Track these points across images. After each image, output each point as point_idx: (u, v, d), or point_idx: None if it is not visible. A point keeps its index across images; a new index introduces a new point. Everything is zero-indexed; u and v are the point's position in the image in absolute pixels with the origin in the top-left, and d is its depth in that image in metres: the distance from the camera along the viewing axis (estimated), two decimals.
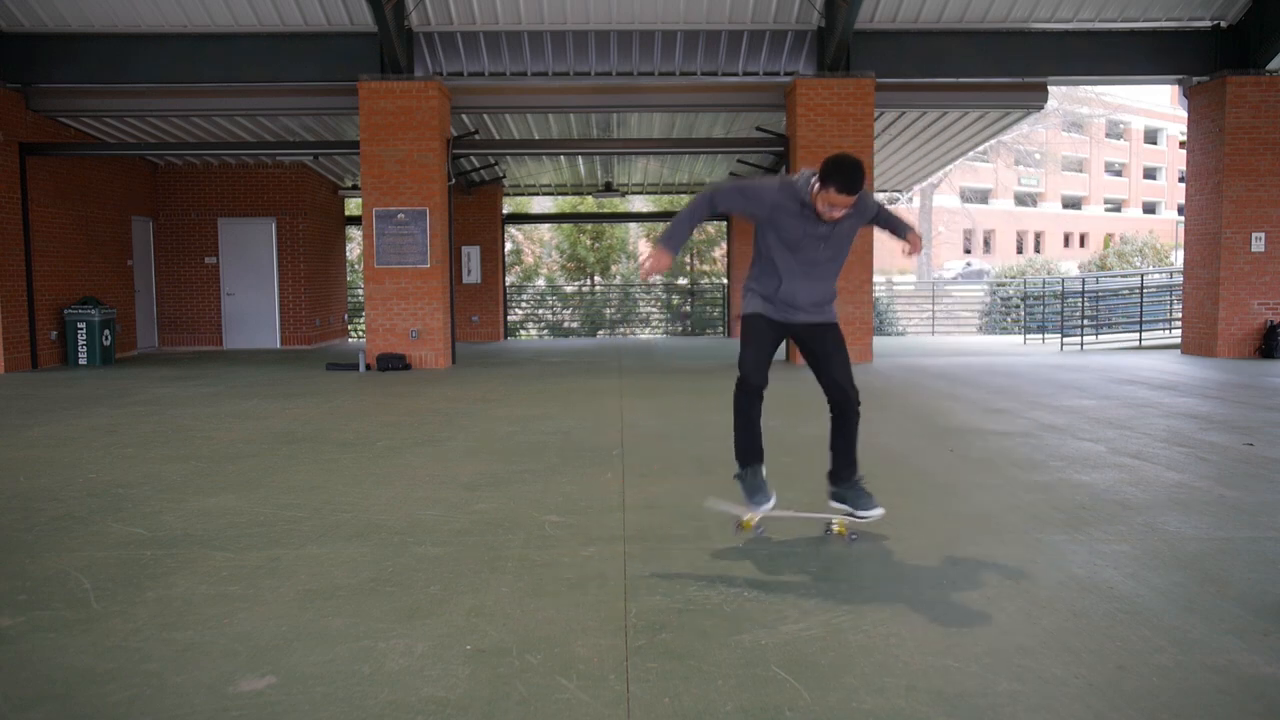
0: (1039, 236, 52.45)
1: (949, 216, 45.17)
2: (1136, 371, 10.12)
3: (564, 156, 16.71)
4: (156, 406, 7.69)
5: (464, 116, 13.21)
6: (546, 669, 2.37)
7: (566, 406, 7.59)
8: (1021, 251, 49.55)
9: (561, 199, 23.19)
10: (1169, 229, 38.83)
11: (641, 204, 25.15)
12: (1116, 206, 55.13)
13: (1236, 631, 2.58)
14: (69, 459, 5.31)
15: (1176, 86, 12.78)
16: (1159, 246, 29.56)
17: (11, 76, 11.29)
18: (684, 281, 23.27)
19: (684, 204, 23.92)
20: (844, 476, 3.58)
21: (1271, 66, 11.23)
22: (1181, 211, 15.54)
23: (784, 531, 3.65)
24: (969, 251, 48.87)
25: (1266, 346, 11.48)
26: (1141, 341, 15.33)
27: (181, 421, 6.80)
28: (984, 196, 50.59)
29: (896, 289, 27.59)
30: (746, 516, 3.59)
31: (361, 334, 19.53)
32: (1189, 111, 12.15)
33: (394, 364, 11.08)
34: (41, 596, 2.95)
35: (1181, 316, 12.86)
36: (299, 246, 15.62)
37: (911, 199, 32.88)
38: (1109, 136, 54.23)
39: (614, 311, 23.17)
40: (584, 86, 11.73)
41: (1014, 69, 11.53)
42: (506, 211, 20.59)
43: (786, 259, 3.46)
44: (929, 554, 3.36)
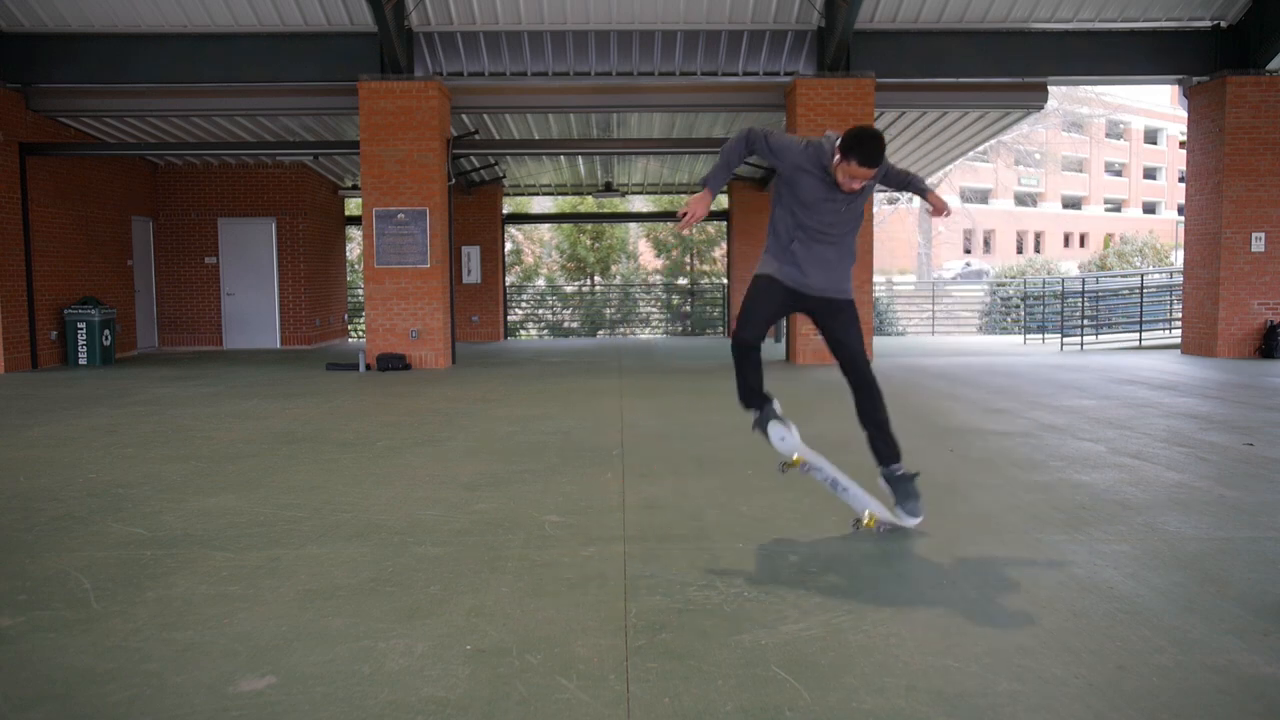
0: (1039, 236, 52.45)
1: (949, 216, 45.14)
2: (1136, 371, 10.12)
3: (564, 156, 16.71)
4: (156, 406, 7.69)
5: (464, 116, 13.21)
6: (546, 669, 2.37)
7: (566, 406, 7.58)
8: (1021, 251, 49.55)
9: (561, 199, 23.19)
10: (1169, 229, 38.84)
11: (641, 204, 25.15)
12: (1116, 206, 55.13)
13: (1236, 631, 2.58)
14: (69, 459, 5.31)
15: (1176, 86, 12.78)
16: (1159, 246, 29.56)
17: (11, 76, 11.29)
18: (684, 281, 23.27)
19: (684, 203, 24.08)
20: (887, 457, 3.62)
21: (1271, 66, 11.23)
22: (1181, 211, 15.53)
23: (792, 527, 3.65)
24: (969, 251, 48.88)
25: (1266, 346, 11.48)
26: (1141, 341, 15.33)
27: (181, 421, 6.80)
28: (984, 196, 50.59)
29: (896, 289, 27.59)
30: (795, 456, 3.61)
31: (361, 334, 19.53)
32: (1189, 111, 12.15)
33: (394, 364, 11.08)
34: (41, 596, 2.95)
35: (1181, 316, 12.86)
36: (299, 246, 15.63)
37: (911, 199, 32.87)
38: (1109, 136, 54.23)
39: (614, 311, 23.16)
40: (584, 86, 11.74)
41: (1014, 69, 11.53)
42: (506, 211, 20.59)
43: (802, 216, 3.50)
44: (929, 554, 3.36)
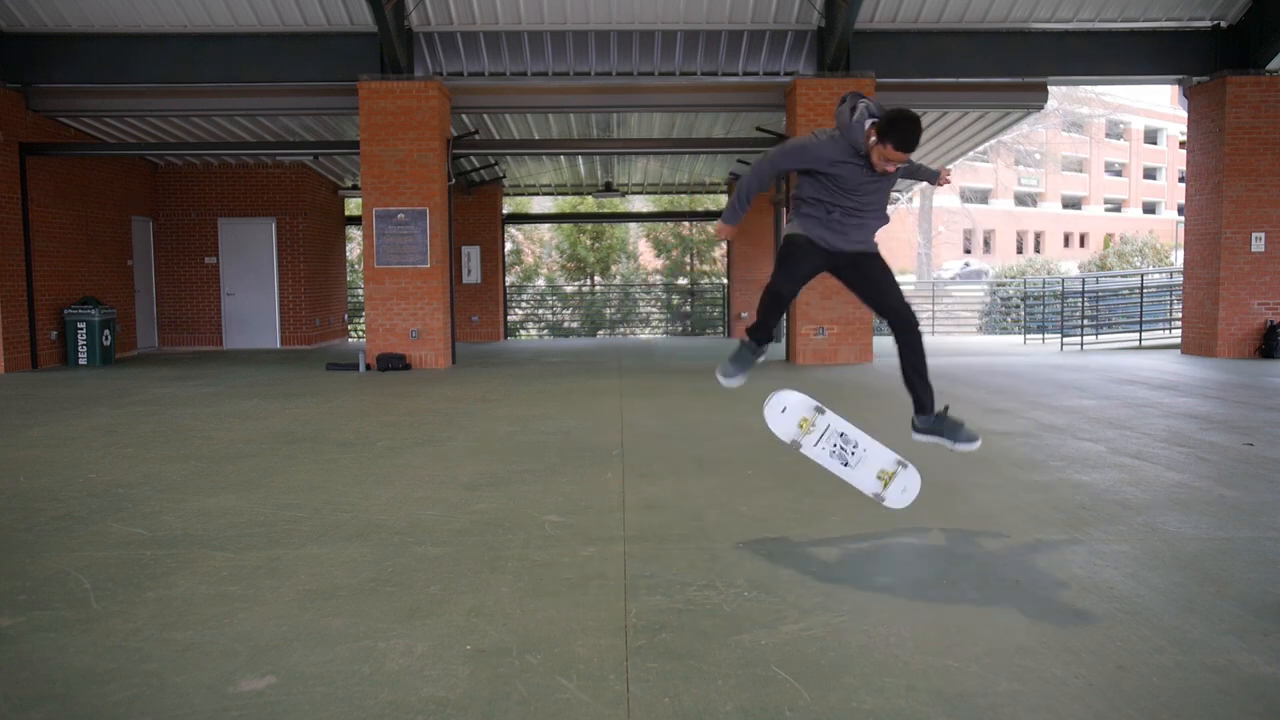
0: (1039, 236, 52.43)
1: (949, 216, 45.17)
2: (1136, 371, 10.12)
3: (564, 156, 16.71)
4: (156, 406, 7.69)
5: (464, 116, 13.21)
6: (546, 669, 2.37)
7: (566, 406, 7.58)
8: (1021, 251, 49.54)
9: (561, 199, 23.19)
10: (1169, 229, 38.83)
11: (641, 204, 25.14)
12: (1116, 206, 55.12)
13: (1236, 631, 2.58)
14: (69, 459, 5.31)
15: (1176, 86, 12.78)
16: (1159, 246, 29.55)
17: (11, 76, 11.29)
18: (684, 281, 23.27)
19: (684, 203, 23.76)
20: (928, 405, 3.69)
21: (1271, 66, 11.23)
22: (1181, 211, 15.53)
23: (792, 527, 3.65)
24: (969, 251, 48.88)
25: (1266, 346, 11.48)
26: (1141, 341, 15.32)
27: (181, 421, 6.80)
28: (984, 196, 50.58)
29: None
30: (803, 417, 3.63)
31: (361, 334, 19.53)
32: (1189, 111, 12.15)
33: (394, 364, 11.08)
34: (41, 596, 2.95)
35: (1181, 316, 12.86)
36: (299, 246, 15.63)
37: (911, 199, 32.88)
38: (1109, 136, 54.22)
39: (614, 311, 23.16)
40: (584, 86, 11.74)
41: (1014, 69, 11.53)
42: (506, 211, 20.59)
43: (841, 199, 3.56)
44: (929, 554, 3.36)
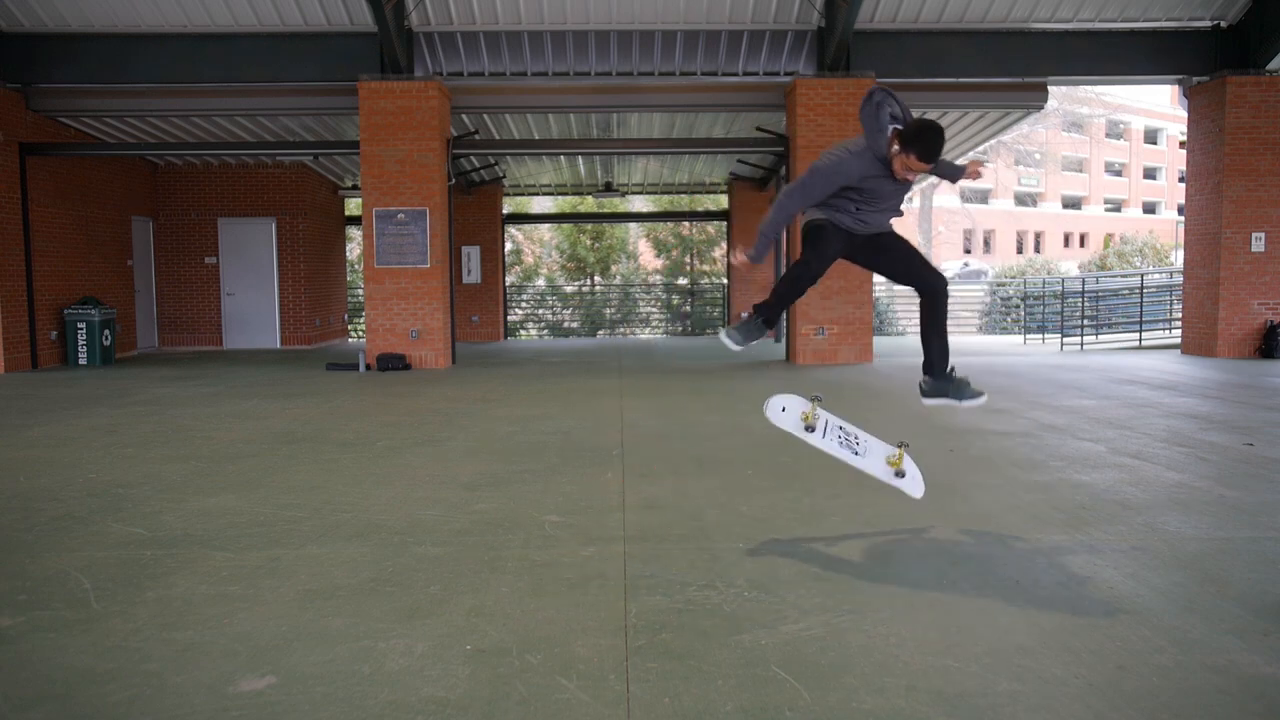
0: (1039, 236, 52.44)
1: (949, 216, 45.20)
2: (1136, 371, 10.12)
3: (564, 156, 16.71)
4: (156, 406, 7.69)
5: (464, 116, 13.21)
6: (546, 669, 2.37)
7: (566, 406, 7.58)
8: (1021, 251, 49.55)
9: (561, 199, 23.19)
10: (1169, 229, 38.84)
11: (641, 204, 25.14)
12: (1116, 206, 55.13)
13: (1236, 631, 2.58)
14: (69, 459, 5.31)
15: (1176, 86, 12.78)
16: (1159, 246, 29.55)
17: (11, 76, 11.29)
18: (684, 281, 23.27)
19: (684, 203, 23.75)
20: (940, 367, 3.73)
21: (1271, 66, 11.23)
22: (1181, 211, 15.53)
23: (792, 527, 3.66)
24: (969, 251, 48.90)
25: (1266, 346, 11.48)
26: (1141, 341, 15.33)
27: (181, 421, 6.80)
28: (984, 196, 50.58)
29: (896, 289, 27.57)
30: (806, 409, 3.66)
31: (361, 334, 19.53)
32: (1189, 111, 12.15)
33: (394, 364, 11.08)
34: (41, 596, 2.95)
35: (1181, 316, 12.86)
36: (299, 246, 15.62)
37: (911, 199, 32.89)
38: (1109, 136, 54.24)
39: (614, 311, 23.16)
40: (584, 86, 11.74)
41: (1014, 69, 11.54)
42: (506, 211, 20.58)
43: (862, 202, 3.60)
44: (929, 554, 3.36)
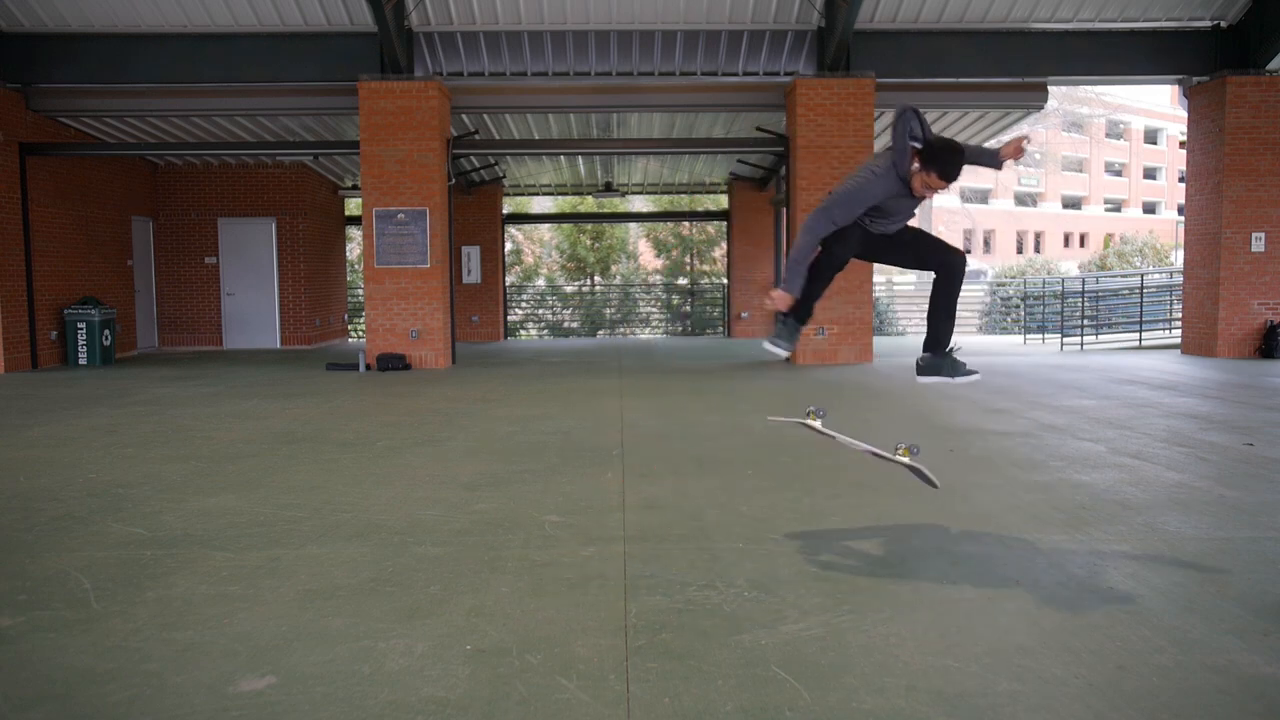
0: (1039, 236, 52.46)
1: (949, 216, 45.20)
2: (1136, 371, 10.12)
3: (564, 156, 16.71)
4: (156, 406, 7.69)
5: (464, 116, 13.21)
6: (546, 669, 2.37)
7: (566, 406, 7.58)
8: (1021, 251, 49.57)
9: (561, 199, 23.19)
10: (1169, 229, 38.85)
11: (641, 204, 25.15)
12: (1116, 206, 55.14)
13: (1236, 631, 2.58)
14: (69, 459, 5.31)
15: (1176, 86, 12.78)
16: (1159, 246, 29.57)
17: (11, 76, 11.29)
18: (684, 281, 23.27)
19: (684, 203, 23.71)
20: (943, 344, 3.74)
21: (1271, 66, 11.23)
22: (1181, 211, 15.53)
23: (792, 527, 3.65)
24: (969, 251, 48.88)
25: (1266, 346, 11.48)
26: (1141, 341, 15.33)
27: (181, 421, 6.80)
28: (984, 196, 50.60)
29: (896, 289, 27.60)
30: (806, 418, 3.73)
31: (361, 334, 19.53)
32: (1189, 111, 12.15)
33: (394, 364, 11.08)
34: (41, 596, 2.95)
35: (1181, 316, 12.86)
36: (299, 246, 15.62)
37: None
38: (1109, 136, 54.25)
39: (614, 311, 23.16)
40: (584, 86, 11.74)
41: (1014, 69, 11.53)
42: (506, 211, 20.58)
43: (881, 214, 3.62)
44: (929, 554, 3.36)
